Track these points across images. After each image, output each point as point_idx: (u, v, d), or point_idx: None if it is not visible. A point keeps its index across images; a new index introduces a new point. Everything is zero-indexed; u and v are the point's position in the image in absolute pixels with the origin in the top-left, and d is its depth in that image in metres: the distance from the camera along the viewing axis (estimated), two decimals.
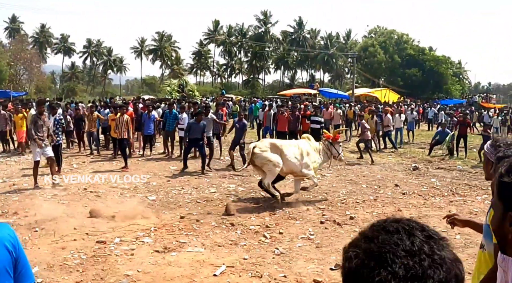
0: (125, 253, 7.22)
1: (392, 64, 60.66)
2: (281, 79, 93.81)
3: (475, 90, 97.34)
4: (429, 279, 0.94)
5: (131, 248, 7.45)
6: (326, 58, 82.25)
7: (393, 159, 17.93)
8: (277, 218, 9.41)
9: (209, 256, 7.13)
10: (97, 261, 6.88)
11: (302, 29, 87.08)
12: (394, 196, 11.67)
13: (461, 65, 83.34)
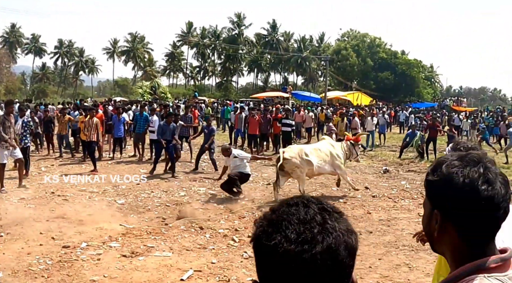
0: (92, 258, 7.11)
1: (365, 68, 61.14)
2: (254, 82, 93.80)
3: (446, 93, 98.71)
4: (318, 243, 1.05)
5: (97, 253, 7.34)
6: (300, 61, 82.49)
7: (364, 162, 18.03)
8: (246, 222, 9.39)
9: (177, 261, 7.07)
10: (63, 267, 6.76)
11: (276, 32, 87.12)
12: (364, 198, 11.75)
13: (433, 69, 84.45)
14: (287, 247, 1.05)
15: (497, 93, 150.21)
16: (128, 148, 19.23)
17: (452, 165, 1.42)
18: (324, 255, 1.05)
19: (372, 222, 9.66)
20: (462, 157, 1.44)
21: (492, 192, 1.36)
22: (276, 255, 1.07)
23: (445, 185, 1.41)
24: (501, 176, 1.42)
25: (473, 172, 1.39)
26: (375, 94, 54.09)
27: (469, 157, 1.44)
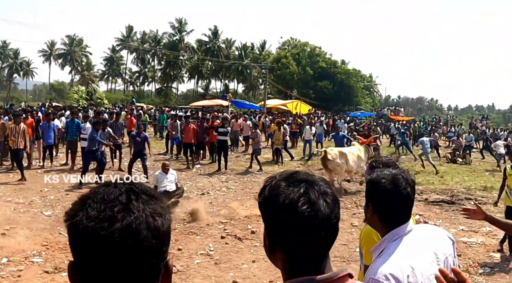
0: (12, 275, 6.80)
1: (304, 76, 61.57)
2: (195, 89, 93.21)
3: (385, 103, 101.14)
4: (117, 221, 1.06)
5: (18, 269, 7.03)
6: (240, 68, 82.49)
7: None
8: (177, 233, 9.22)
9: None
10: None
11: (217, 38, 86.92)
12: None
13: (372, 78, 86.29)
14: (86, 223, 1.07)
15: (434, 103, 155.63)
16: (60, 155, 18.64)
17: (275, 185, 1.45)
18: (123, 234, 1.06)
19: None
20: (288, 177, 1.46)
21: (313, 212, 1.37)
22: (77, 232, 1.09)
23: (268, 206, 1.44)
24: (328, 196, 1.43)
25: (294, 192, 1.40)
26: (314, 103, 54.57)
27: (294, 177, 1.45)
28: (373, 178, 2.41)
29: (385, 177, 2.35)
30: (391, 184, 2.31)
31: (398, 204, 2.31)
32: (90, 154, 13.82)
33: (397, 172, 2.41)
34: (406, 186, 2.31)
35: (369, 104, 68.23)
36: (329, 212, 1.40)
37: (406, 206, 2.34)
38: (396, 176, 2.33)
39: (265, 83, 52.06)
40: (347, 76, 61.87)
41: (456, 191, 15.29)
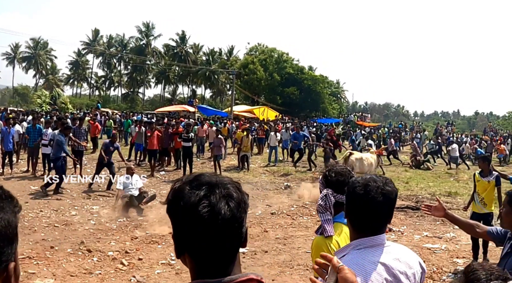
0: None
1: (272, 82, 61.60)
2: (161, 94, 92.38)
3: (352, 109, 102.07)
4: None
5: None
6: (208, 74, 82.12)
7: (266, 178, 18.10)
8: (138, 243, 9.03)
9: None
10: None
11: (184, 43, 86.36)
12: (263, 216, 11.69)
13: (339, 85, 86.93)
14: None
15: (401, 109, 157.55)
16: (21, 162, 18.15)
17: (179, 189, 1.44)
18: None
19: (268, 240, 9.59)
20: (192, 180, 1.45)
21: (213, 215, 1.36)
22: None
23: (172, 210, 1.44)
24: (232, 199, 1.41)
25: (195, 195, 1.39)
26: (281, 109, 54.71)
27: (198, 180, 1.44)
28: (350, 182, 2.42)
29: (359, 182, 2.33)
30: (363, 190, 2.28)
31: (368, 212, 2.27)
32: (57, 160, 13.38)
33: (375, 178, 2.34)
34: (378, 194, 2.26)
35: (336, 111, 68.69)
36: (230, 215, 1.38)
37: (377, 215, 2.28)
38: (369, 183, 2.29)
39: (232, 89, 51.90)
40: (314, 83, 62.15)
41: (421, 197, 15.44)
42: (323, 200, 3.01)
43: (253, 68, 61.58)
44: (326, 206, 2.97)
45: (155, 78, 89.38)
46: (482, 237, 4.15)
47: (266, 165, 21.52)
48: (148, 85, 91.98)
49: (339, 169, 3.15)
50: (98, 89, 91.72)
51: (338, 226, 2.92)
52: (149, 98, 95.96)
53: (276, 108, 54.23)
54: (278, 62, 65.05)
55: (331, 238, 2.86)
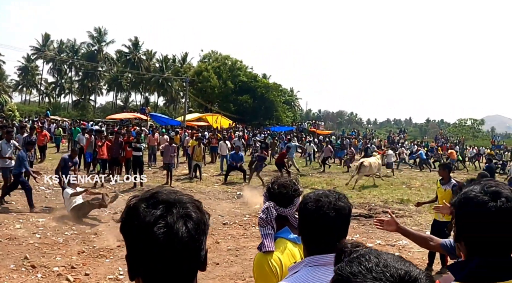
0: None
1: (225, 90, 61.43)
2: (114, 101, 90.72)
3: (306, 117, 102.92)
4: None
5: None
6: (161, 81, 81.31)
7: (218, 187, 17.85)
8: (85, 257, 8.64)
9: None
10: None
11: (137, 50, 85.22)
12: (214, 226, 11.42)
13: (293, 93, 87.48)
14: None
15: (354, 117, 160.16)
16: None
17: (134, 207, 1.36)
18: None
19: (220, 252, 9.36)
20: (148, 198, 1.37)
21: (169, 236, 1.29)
22: None
23: (126, 229, 1.37)
24: (191, 219, 1.34)
25: (151, 215, 1.32)
26: (234, 117, 54.60)
27: (155, 198, 1.37)
28: (303, 198, 2.36)
29: (311, 198, 2.27)
30: (314, 205, 2.22)
31: (320, 228, 2.21)
32: (19, 176, 12.69)
33: (327, 194, 2.28)
34: (331, 210, 2.20)
35: (290, 119, 69.02)
36: (188, 237, 1.32)
37: (329, 231, 2.20)
38: (320, 198, 2.24)
39: (185, 97, 51.36)
40: (267, 91, 62.35)
41: (374, 204, 15.50)
42: (265, 213, 2.89)
43: (207, 76, 61.35)
44: (268, 219, 2.83)
45: (107, 85, 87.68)
46: (436, 250, 4.06)
47: (218, 174, 21.30)
48: (100, 92, 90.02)
49: (283, 181, 3.02)
50: (48, 96, 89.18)
51: (282, 241, 2.76)
52: (101, 106, 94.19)
53: (230, 116, 54.14)
54: (231, 70, 65.06)
55: (271, 254, 2.70)
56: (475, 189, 1.78)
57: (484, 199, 1.73)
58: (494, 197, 1.72)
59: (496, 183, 1.79)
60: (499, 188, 1.75)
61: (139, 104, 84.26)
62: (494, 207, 1.71)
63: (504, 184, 1.81)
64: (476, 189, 1.78)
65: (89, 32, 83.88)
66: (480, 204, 1.73)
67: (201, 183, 18.37)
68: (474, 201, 1.75)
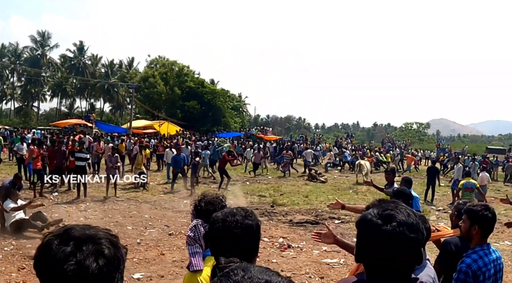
0: None
1: (172, 96, 60.73)
2: (58, 108, 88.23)
3: (255, 122, 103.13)
4: None
5: None
6: (107, 87, 79.91)
7: (165, 196, 17.62)
8: (25, 273, 8.34)
9: None
10: None
11: (82, 54, 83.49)
12: (160, 237, 11.26)
13: (241, 98, 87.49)
14: None
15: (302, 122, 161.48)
16: None
17: (47, 243, 1.35)
18: None
19: (165, 264, 9.21)
20: (61, 234, 1.36)
21: (78, 273, 1.27)
22: None
23: (38, 267, 1.35)
24: (102, 255, 1.32)
25: (61, 251, 1.31)
26: (182, 124, 54.09)
27: (68, 234, 1.35)
28: (212, 216, 2.36)
29: (218, 217, 2.30)
30: (222, 225, 2.25)
31: (228, 247, 2.21)
32: None
33: (234, 212, 2.30)
34: (238, 228, 2.22)
35: (238, 124, 68.90)
36: (99, 273, 1.30)
37: (236, 250, 2.17)
38: (227, 218, 2.26)
39: (131, 103, 50.49)
40: (214, 97, 62.02)
41: (321, 211, 15.60)
42: (193, 230, 2.86)
43: (154, 82, 60.60)
44: (196, 237, 2.80)
45: (51, 91, 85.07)
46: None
47: (165, 182, 21.05)
48: (44, 98, 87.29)
49: (209, 198, 3.05)
50: None
51: (211, 260, 2.73)
52: (45, 112, 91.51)
53: (177, 122, 53.62)
54: (179, 76, 64.47)
55: (201, 273, 2.68)
56: (372, 212, 1.80)
57: (377, 223, 1.75)
58: (387, 221, 1.74)
59: (394, 206, 1.81)
60: (395, 211, 1.77)
61: (84, 110, 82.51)
62: (385, 231, 1.72)
63: (403, 207, 1.82)
64: (374, 211, 1.80)
65: (32, 36, 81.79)
66: (374, 227, 1.75)
67: (147, 192, 18.10)
68: (369, 224, 1.77)
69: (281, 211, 15.19)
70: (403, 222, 1.74)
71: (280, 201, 17.08)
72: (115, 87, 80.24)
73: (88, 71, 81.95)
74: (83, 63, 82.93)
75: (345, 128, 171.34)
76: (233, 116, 68.39)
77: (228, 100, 67.58)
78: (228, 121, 64.25)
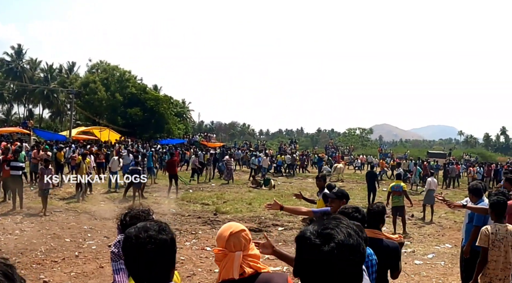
0: None
1: (114, 103, 59.42)
2: None
3: (199, 129, 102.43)
4: None
5: None
6: (46, 92, 77.58)
7: (105, 206, 17.20)
8: None
9: None
10: None
11: (21, 58, 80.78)
12: (99, 249, 10.96)
13: (185, 104, 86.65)
14: None
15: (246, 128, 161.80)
16: None
17: None
18: None
19: (104, 277, 8.99)
20: None
21: None
22: None
23: None
24: None
25: None
26: (124, 131, 53.12)
27: None
28: (125, 232, 2.27)
29: (131, 233, 2.21)
30: (135, 241, 2.16)
31: (142, 263, 2.14)
32: None
33: (148, 227, 2.20)
34: (152, 243, 2.15)
35: (182, 131, 68.15)
36: None
37: (151, 266, 2.15)
38: (140, 234, 2.17)
39: (71, 109, 49.15)
40: (157, 103, 61.03)
41: (264, 218, 15.57)
42: (117, 246, 2.78)
43: (94, 88, 59.25)
44: (120, 253, 2.72)
45: None
46: None
47: (106, 192, 20.58)
48: None
49: (135, 212, 3.03)
50: None
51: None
52: None
53: (118, 129, 52.63)
54: (120, 81, 63.28)
55: None
56: (312, 228, 1.73)
57: (315, 242, 1.67)
58: (326, 241, 1.66)
59: (336, 224, 1.73)
60: (335, 230, 1.69)
61: (22, 117, 79.80)
62: (323, 252, 1.65)
63: (344, 225, 1.74)
64: (314, 228, 1.73)
65: None
66: (312, 246, 1.68)
67: (87, 202, 17.63)
68: (307, 242, 1.69)
69: (224, 219, 15.07)
70: (342, 243, 1.66)
71: (223, 209, 16.99)
72: (55, 92, 77.87)
73: (26, 75, 79.30)
74: (21, 67, 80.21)
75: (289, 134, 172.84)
76: (177, 123, 67.54)
77: (171, 107, 66.71)
78: (171, 128, 63.36)
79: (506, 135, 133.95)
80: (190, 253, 10.63)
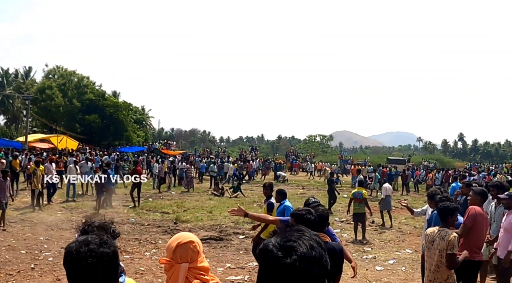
0: None
1: (71, 109, 58.10)
2: None
3: (158, 136, 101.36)
4: None
5: None
6: (1, 98, 75.70)
7: (62, 215, 16.83)
8: None
9: None
10: None
11: None
12: (56, 261, 10.69)
13: (145, 111, 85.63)
14: None
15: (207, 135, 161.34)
16: None
17: None
18: None
19: None
20: None
21: None
22: None
23: None
24: None
25: None
26: (82, 138, 52.12)
27: None
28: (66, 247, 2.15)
29: (72, 247, 2.11)
30: (76, 255, 2.06)
31: (81, 279, 2.06)
32: None
33: (88, 241, 2.12)
34: (93, 257, 2.07)
35: (141, 138, 67.24)
36: None
37: (91, 281, 2.07)
38: (80, 249, 2.08)
39: (27, 116, 48.02)
40: (116, 110, 60.03)
41: (225, 226, 15.53)
42: None
43: (51, 94, 57.98)
44: None
45: None
46: None
47: (64, 201, 20.15)
48: None
49: (100, 223, 2.98)
50: None
51: None
52: None
53: (76, 137, 51.64)
54: (78, 87, 62.08)
55: None
56: (275, 241, 1.70)
57: (277, 255, 1.64)
58: (287, 254, 1.64)
59: (298, 236, 1.71)
60: (297, 242, 1.67)
61: None
62: (284, 265, 1.62)
63: (307, 237, 1.71)
64: (276, 240, 1.70)
65: None
66: (274, 259, 1.65)
67: (43, 212, 17.22)
68: (269, 255, 1.66)
69: (185, 228, 14.95)
70: (304, 256, 1.64)
71: (184, 217, 16.86)
72: (10, 98, 76.09)
73: None
74: None
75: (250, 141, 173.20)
76: (136, 130, 66.57)
77: (130, 114, 65.69)
78: (130, 135, 62.37)
79: (463, 142, 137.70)
80: (150, 263, 10.50)
